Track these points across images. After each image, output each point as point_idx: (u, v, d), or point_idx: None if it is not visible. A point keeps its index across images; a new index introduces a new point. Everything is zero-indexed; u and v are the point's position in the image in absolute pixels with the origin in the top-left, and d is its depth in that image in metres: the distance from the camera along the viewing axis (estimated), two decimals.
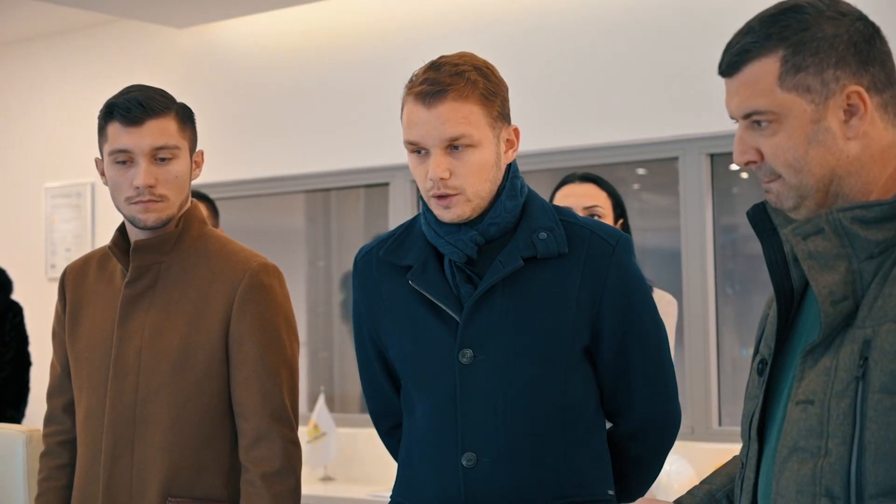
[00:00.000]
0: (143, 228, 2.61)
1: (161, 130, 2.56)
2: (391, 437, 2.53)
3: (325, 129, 5.96)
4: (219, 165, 6.23)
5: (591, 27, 5.22)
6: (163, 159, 2.57)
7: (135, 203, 2.58)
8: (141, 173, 2.55)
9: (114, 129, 2.58)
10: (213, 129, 6.23)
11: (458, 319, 2.28)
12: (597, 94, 5.20)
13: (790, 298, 1.82)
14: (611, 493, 2.37)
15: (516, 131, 2.34)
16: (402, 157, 5.54)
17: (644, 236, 5.45)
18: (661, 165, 5.32)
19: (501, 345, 2.27)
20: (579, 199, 3.38)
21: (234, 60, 6.26)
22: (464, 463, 2.27)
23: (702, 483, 2.02)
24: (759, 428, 1.82)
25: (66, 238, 6.86)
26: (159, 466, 2.56)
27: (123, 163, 2.58)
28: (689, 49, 4.95)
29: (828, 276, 1.69)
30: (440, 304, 2.29)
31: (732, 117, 1.78)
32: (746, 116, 1.75)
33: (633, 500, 2.44)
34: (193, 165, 2.66)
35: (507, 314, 2.28)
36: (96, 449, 2.61)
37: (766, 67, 1.72)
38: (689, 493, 1.99)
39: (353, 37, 5.87)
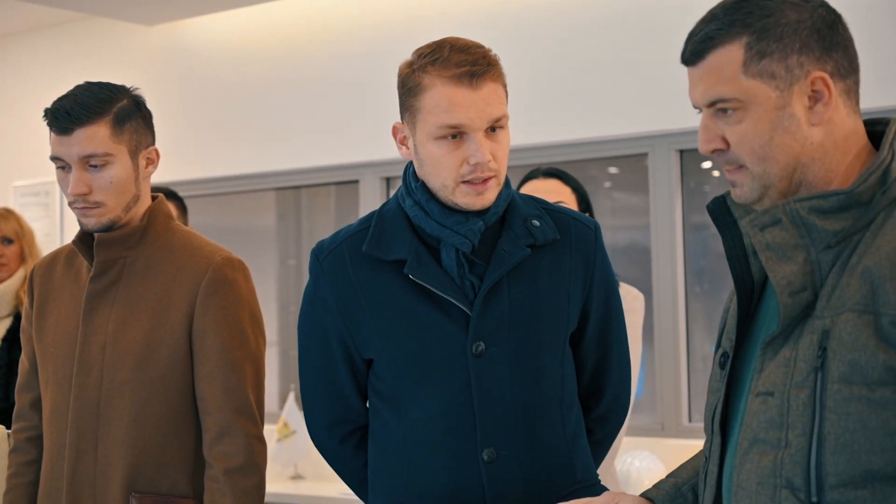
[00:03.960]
0: (88, 231, 2.62)
1: (89, 139, 2.54)
2: (345, 445, 2.42)
3: (295, 126, 5.94)
4: (189, 163, 6.20)
5: (560, 24, 5.21)
6: (95, 166, 2.56)
7: (74, 208, 2.59)
8: (72, 182, 2.56)
9: (51, 135, 2.59)
10: (183, 127, 6.21)
11: (467, 311, 2.24)
12: (565, 91, 5.20)
13: (750, 290, 1.82)
14: (599, 476, 2.40)
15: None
16: (372, 154, 5.61)
17: (616, 234, 5.45)
18: (633, 163, 5.32)
19: (512, 335, 2.25)
20: (543, 194, 3.36)
21: (204, 58, 6.23)
22: (485, 458, 2.24)
23: (668, 476, 2.02)
24: (722, 421, 1.82)
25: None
26: (123, 462, 2.54)
27: (63, 168, 2.59)
28: (658, 44, 4.96)
29: (785, 266, 1.69)
30: (448, 298, 2.23)
31: (696, 106, 1.78)
32: (711, 104, 1.74)
33: None
34: (145, 163, 2.64)
35: (514, 304, 2.26)
36: (61, 444, 2.61)
37: (730, 55, 1.72)
38: (656, 486, 2.00)
39: (324, 34, 5.85)
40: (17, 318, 4.55)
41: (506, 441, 2.25)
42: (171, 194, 4.47)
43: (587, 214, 3.41)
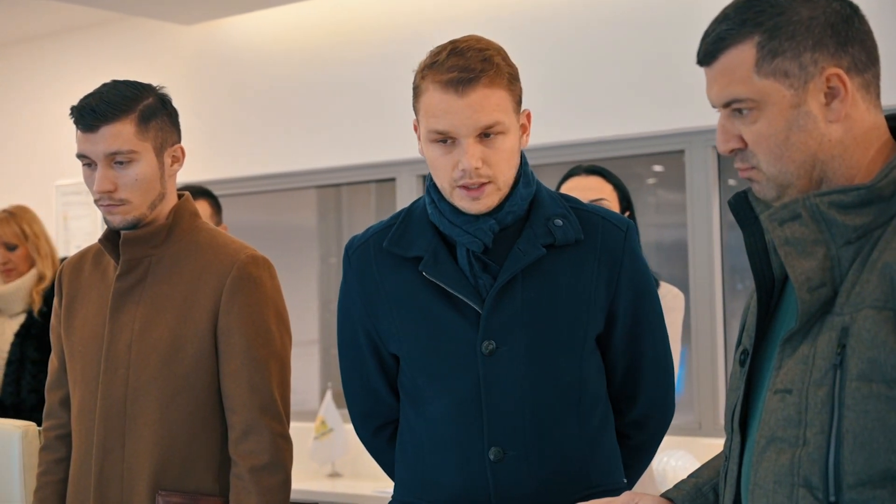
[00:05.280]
0: (114, 229, 2.62)
1: (115, 136, 2.55)
2: (378, 437, 2.46)
3: (334, 124, 5.94)
4: (230, 161, 6.23)
5: (597, 20, 5.18)
6: (120, 163, 2.57)
7: (100, 206, 2.60)
8: (97, 179, 2.57)
9: (77, 133, 2.60)
10: (223, 125, 6.24)
11: (478, 310, 2.23)
12: (602, 88, 5.16)
13: (771, 287, 1.80)
14: (624, 481, 2.37)
15: (528, 116, 2.30)
16: (409, 152, 5.59)
17: (661, 232, 5.42)
18: (677, 160, 5.26)
19: (524, 335, 2.23)
20: (585, 191, 3.36)
21: (242, 56, 6.25)
22: (491, 457, 2.23)
23: (689, 476, 2.00)
24: (742, 419, 1.80)
25: (77, 235, 6.88)
26: (149, 460, 2.55)
27: (89, 165, 2.60)
28: (694, 41, 4.91)
29: (805, 262, 1.66)
30: (459, 296, 2.23)
31: (714, 106, 1.77)
32: (727, 105, 1.73)
33: (632, 486, 2.45)
34: (171, 161, 2.64)
35: (529, 303, 2.24)
36: (89, 442, 2.61)
37: (742, 55, 1.70)
38: (676, 486, 1.97)
39: (362, 33, 5.85)
40: (30, 315, 4.58)
41: (514, 441, 2.23)
42: (204, 192, 4.47)
43: (627, 213, 3.40)
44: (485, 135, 2.19)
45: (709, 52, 1.73)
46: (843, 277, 1.66)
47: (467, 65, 2.16)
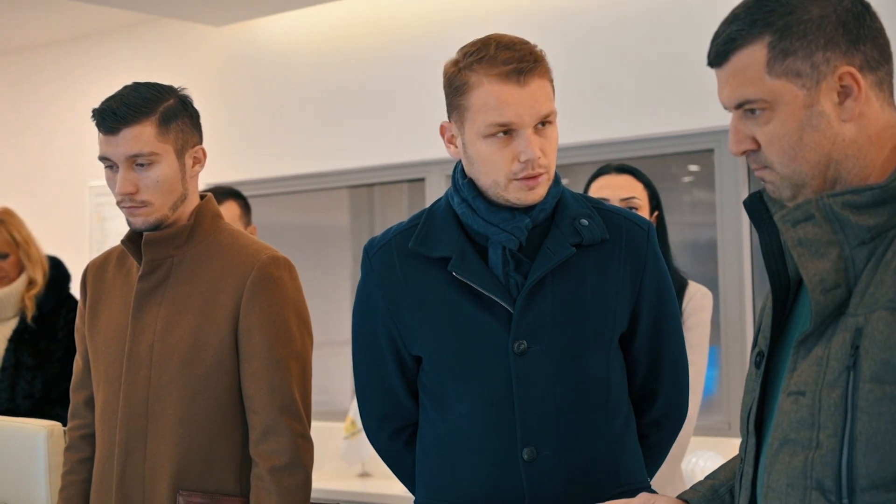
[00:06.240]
0: (136, 230, 2.64)
1: (135, 138, 2.57)
2: (396, 440, 2.43)
3: (364, 124, 5.95)
4: (260, 162, 6.24)
5: (625, 18, 5.17)
6: (141, 165, 2.58)
7: (122, 207, 2.62)
8: (119, 181, 2.59)
9: (99, 135, 2.62)
10: (252, 126, 6.25)
11: (510, 310, 2.23)
12: (630, 87, 5.15)
13: (786, 288, 1.78)
14: (649, 480, 2.38)
15: None
16: (438, 152, 5.59)
17: (696, 231, 5.39)
18: (712, 160, 5.22)
19: (555, 334, 2.24)
20: (616, 190, 3.35)
21: (272, 58, 6.27)
22: (524, 457, 2.23)
23: (706, 478, 1.99)
24: (758, 421, 1.78)
25: (111, 235, 6.91)
26: (170, 460, 2.56)
27: (111, 168, 2.61)
28: None
29: (818, 263, 1.65)
30: (490, 296, 2.23)
31: (726, 108, 1.75)
32: (739, 106, 1.72)
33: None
34: (192, 162, 2.65)
35: (559, 303, 2.24)
36: (111, 442, 2.63)
37: (753, 55, 1.68)
38: (693, 487, 1.97)
39: (392, 34, 5.86)
40: (23, 320, 4.59)
41: (546, 441, 2.23)
42: (233, 193, 4.48)
43: (656, 212, 3.39)
44: (540, 124, 2.22)
45: (719, 54, 1.72)
46: (857, 278, 1.64)
47: (522, 56, 2.20)
